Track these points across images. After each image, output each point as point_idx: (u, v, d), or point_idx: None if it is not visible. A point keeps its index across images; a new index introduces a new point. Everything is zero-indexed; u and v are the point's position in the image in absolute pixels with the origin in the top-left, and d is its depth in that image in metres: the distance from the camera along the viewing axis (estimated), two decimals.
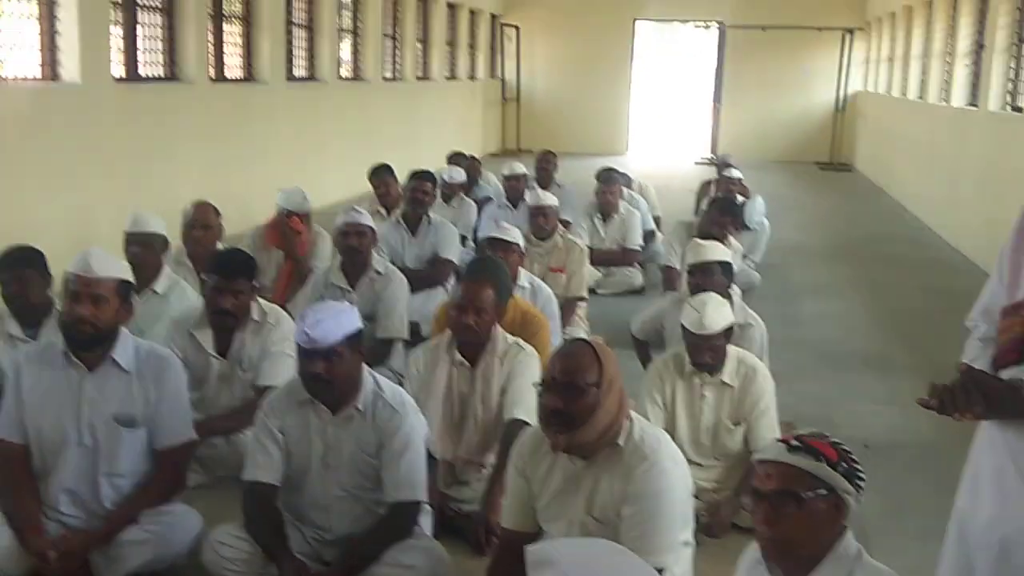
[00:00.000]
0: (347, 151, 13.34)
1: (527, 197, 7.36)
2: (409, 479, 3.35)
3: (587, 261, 6.72)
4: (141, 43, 9.33)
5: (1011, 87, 10.57)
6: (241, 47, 11.31)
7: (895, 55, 17.94)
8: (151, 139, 9.14)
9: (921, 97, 15.24)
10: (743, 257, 7.61)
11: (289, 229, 6.58)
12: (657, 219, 9.62)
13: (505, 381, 4.02)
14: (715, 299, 4.21)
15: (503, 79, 22.47)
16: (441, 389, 4.04)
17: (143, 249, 4.94)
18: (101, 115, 8.39)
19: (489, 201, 9.01)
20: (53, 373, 3.49)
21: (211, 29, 10.45)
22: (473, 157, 10.40)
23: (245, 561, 3.26)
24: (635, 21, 22.36)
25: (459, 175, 8.89)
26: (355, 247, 5.43)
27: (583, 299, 6.54)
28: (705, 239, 5.49)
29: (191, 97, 9.94)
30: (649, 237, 8.83)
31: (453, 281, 6.60)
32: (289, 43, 12.25)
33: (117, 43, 8.90)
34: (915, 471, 4.77)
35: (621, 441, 2.86)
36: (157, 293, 4.91)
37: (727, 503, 3.99)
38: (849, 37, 20.67)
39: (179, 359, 3.83)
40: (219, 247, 5.54)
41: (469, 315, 3.99)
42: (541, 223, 6.60)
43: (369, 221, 5.54)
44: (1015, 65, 10.50)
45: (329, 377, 3.27)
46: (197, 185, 8.74)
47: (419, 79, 17.22)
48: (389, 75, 15.82)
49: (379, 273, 5.48)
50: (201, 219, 5.68)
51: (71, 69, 8.08)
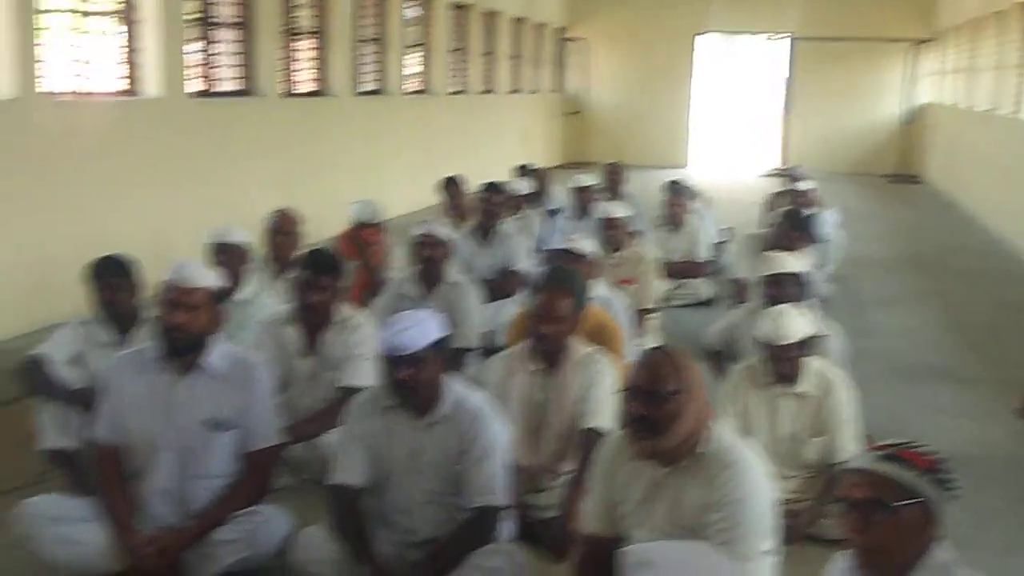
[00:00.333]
0: (413, 163, 13.50)
1: (597, 209, 7.40)
2: (490, 485, 3.41)
3: (656, 272, 6.75)
4: (216, 59, 9.56)
5: None
6: (312, 62, 11.52)
7: (965, 66, 17.68)
8: (225, 152, 9.37)
9: (993, 109, 15.01)
10: (815, 269, 7.56)
11: (362, 240, 6.71)
12: (726, 231, 9.60)
13: (581, 389, 4.07)
14: (791, 310, 4.22)
15: (567, 92, 22.55)
16: (518, 397, 4.10)
17: (229, 258, 5.09)
18: (178, 128, 8.62)
19: (556, 213, 9.07)
20: (147, 378, 3.62)
21: (283, 45, 10.67)
22: (540, 169, 10.47)
23: (332, 562, 3.35)
24: (696, 36, 22.31)
25: (526, 187, 8.97)
26: (431, 258, 5.52)
27: (654, 310, 6.56)
28: (775, 251, 5.49)
29: (263, 111, 10.16)
30: (717, 249, 8.82)
31: (523, 292, 6.67)
32: (357, 57, 12.44)
33: (194, 59, 9.13)
34: (994, 483, 4.73)
35: (704, 448, 2.90)
36: (243, 300, 5.05)
37: (807, 511, 3.99)
38: (917, 49, 20.41)
39: (266, 362, 3.93)
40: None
41: (546, 324, 4.05)
42: (611, 235, 6.64)
43: (445, 233, 5.63)
44: None
45: (414, 383, 3.34)
46: (269, 197, 8.91)
47: (483, 92, 17.36)
48: (454, 88, 15.98)
49: (453, 283, 5.57)
50: (282, 226, 5.82)
51: (151, 84, 8.32)
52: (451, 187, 8.38)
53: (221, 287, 3.79)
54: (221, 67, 9.66)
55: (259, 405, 3.69)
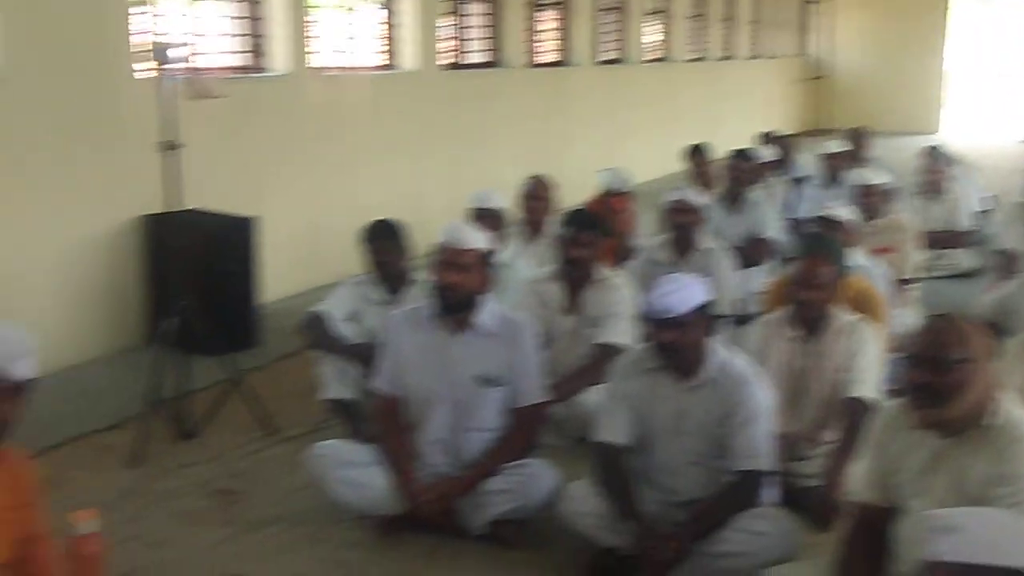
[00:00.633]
0: (653, 131, 13.48)
1: (850, 176, 7.16)
2: (754, 449, 3.41)
3: (916, 242, 6.47)
4: (466, 32, 9.88)
5: None
6: (555, 32, 11.69)
7: None
8: (474, 121, 9.68)
9: None
10: None
11: (611, 208, 6.78)
12: (989, 199, 9.06)
13: (844, 358, 3.99)
14: None
15: (809, 56, 21.80)
16: (776, 364, 4.06)
17: (487, 223, 5.28)
18: (431, 99, 8.98)
19: (801, 181, 8.82)
20: (422, 335, 3.83)
21: (528, 17, 10.88)
22: (784, 136, 10.20)
23: (599, 516, 3.45)
24: None
25: (769, 154, 8.77)
26: (684, 224, 5.53)
27: (913, 281, 6.30)
28: None
29: (509, 81, 10.42)
30: (980, 218, 8.35)
31: (772, 260, 6.57)
32: (598, 27, 12.50)
33: (446, 33, 9.47)
34: None
35: (990, 421, 2.79)
36: (504, 263, 5.24)
37: None
38: None
39: (531, 322, 4.08)
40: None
41: (807, 291, 4.00)
42: (868, 202, 6.40)
43: (698, 199, 5.63)
44: None
45: (678, 347, 3.39)
46: (516, 164, 9.15)
47: (723, 59, 17.05)
48: (693, 55, 15.78)
49: (706, 250, 5.56)
50: (536, 192, 5.99)
51: (407, 58, 8.72)
52: (697, 155, 8.33)
53: (490, 249, 3.96)
54: (471, 40, 9.97)
55: (526, 363, 3.83)
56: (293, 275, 7.21)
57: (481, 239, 3.86)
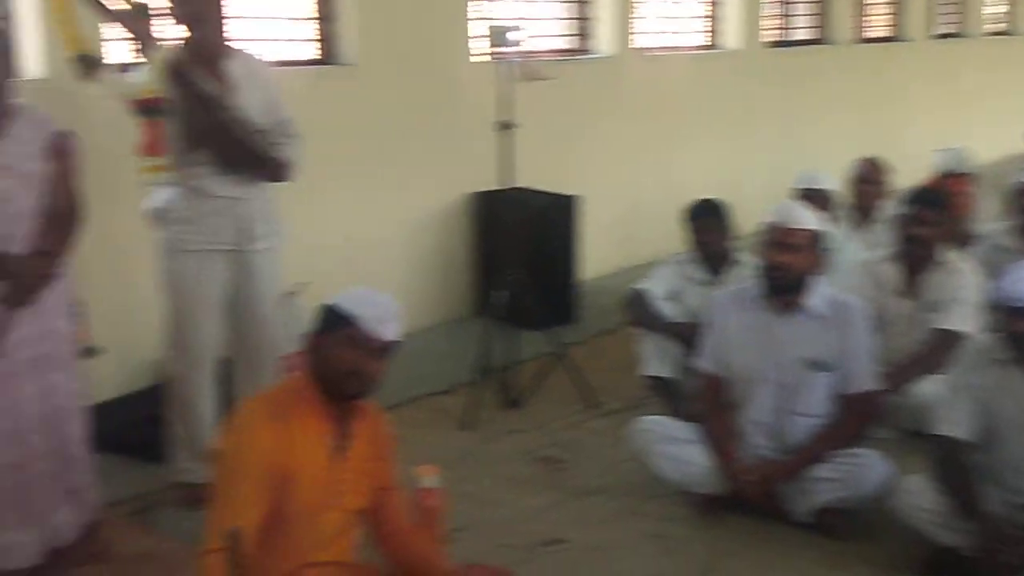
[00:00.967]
0: (996, 108, 12.49)
1: None
2: None
3: None
4: (792, 7, 9.59)
5: None
6: (886, 6, 11.10)
7: None
8: (798, 100, 9.38)
9: None
10: None
11: (948, 190, 6.35)
12: None
13: None
14: None
15: None
16: None
17: (814, 203, 5.09)
18: (754, 78, 8.79)
19: None
20: (748, 315, 3.79)
21: None
22: None
23: (937, 513, 3.26)
24: None
25: None
26: None
27: None
28: None
29: (836, 58, 10.00)
30: None
31: None
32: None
33: (770, 10, 9.24)
34: None
35: None
36: (834, 246, 5.05)
37: None
38: None
39: (864, 306, 3.91)
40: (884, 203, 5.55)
41: None
42: None
43: None
44: None
45: None
46: (842, 144, 8.77)
47: None
48: None
49: None
50: (869, 174, 5.73)
51: (730, 37, 8.59)
52: None
53: (822, 229, 3.83)
54: (796, 16, 9.67)
55: (858, 349, 3.70)
56: (610, 254, 7.32)
57: (813, 219, 3.76)
